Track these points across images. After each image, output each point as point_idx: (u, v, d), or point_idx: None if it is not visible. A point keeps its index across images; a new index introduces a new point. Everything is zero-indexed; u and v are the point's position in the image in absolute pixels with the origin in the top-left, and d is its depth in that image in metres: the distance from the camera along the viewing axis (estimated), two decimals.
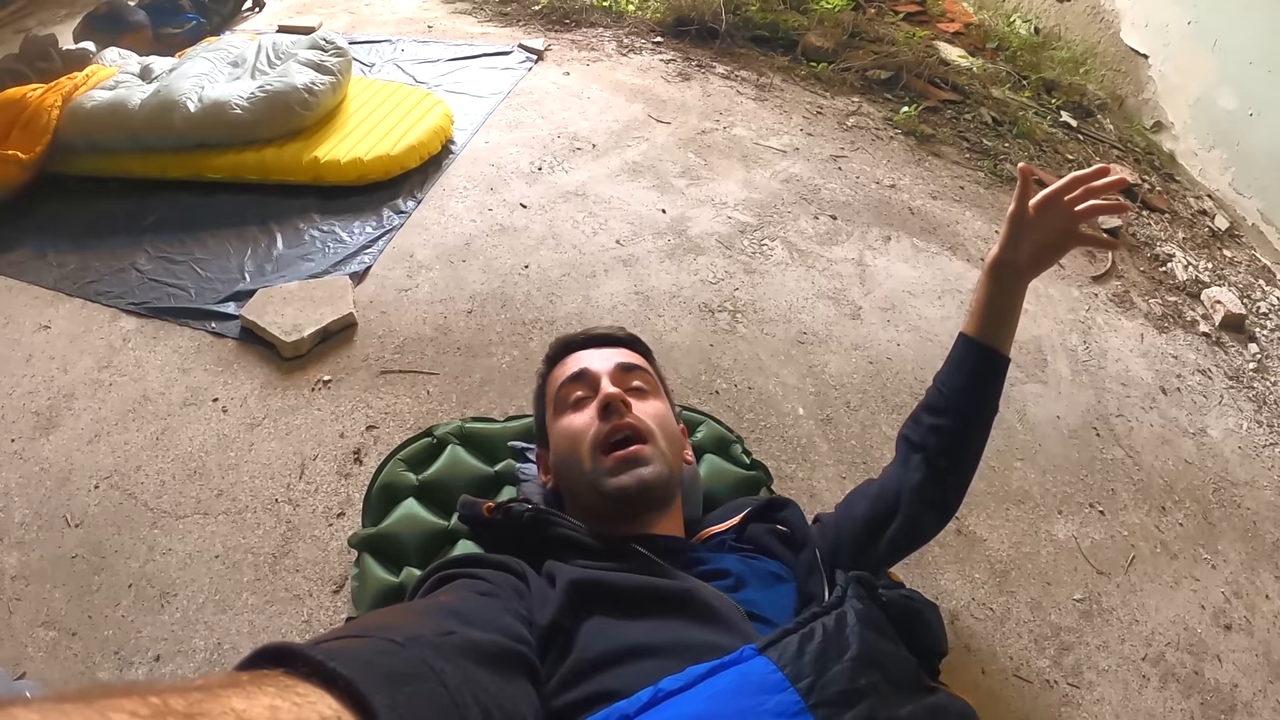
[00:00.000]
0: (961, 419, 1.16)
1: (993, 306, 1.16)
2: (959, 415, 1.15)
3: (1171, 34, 3.17)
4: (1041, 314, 2.41)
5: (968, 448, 1.18)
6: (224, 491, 1.80)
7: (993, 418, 1.18)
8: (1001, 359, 1.16)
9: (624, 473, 1.06)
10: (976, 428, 1.18)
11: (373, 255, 2.42)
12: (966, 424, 1.16)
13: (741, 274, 2.43)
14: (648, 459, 1.07)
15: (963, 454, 1.18)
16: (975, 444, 1.19)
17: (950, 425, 1.15)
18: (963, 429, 1.16)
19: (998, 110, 3.39)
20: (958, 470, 1.19)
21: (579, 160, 2.88)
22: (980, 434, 1.19)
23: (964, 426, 1.16)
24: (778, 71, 3.53)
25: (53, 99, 2.59)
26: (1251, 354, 2.41)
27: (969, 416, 1.16)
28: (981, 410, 1.17)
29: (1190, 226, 2.92)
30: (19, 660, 1.52)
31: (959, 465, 1.19)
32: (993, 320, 1.16)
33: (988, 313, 1.16)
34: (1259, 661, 1.66)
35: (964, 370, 1.16)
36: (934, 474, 1.15)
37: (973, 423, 1.17)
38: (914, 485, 1.15)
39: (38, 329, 2.18)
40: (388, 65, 3.40)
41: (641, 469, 1.06)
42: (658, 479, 1.07)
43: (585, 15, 3.86)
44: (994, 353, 1.15)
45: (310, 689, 0.48)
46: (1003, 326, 1.16)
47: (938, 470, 1.15)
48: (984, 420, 1.18)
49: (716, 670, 0.76)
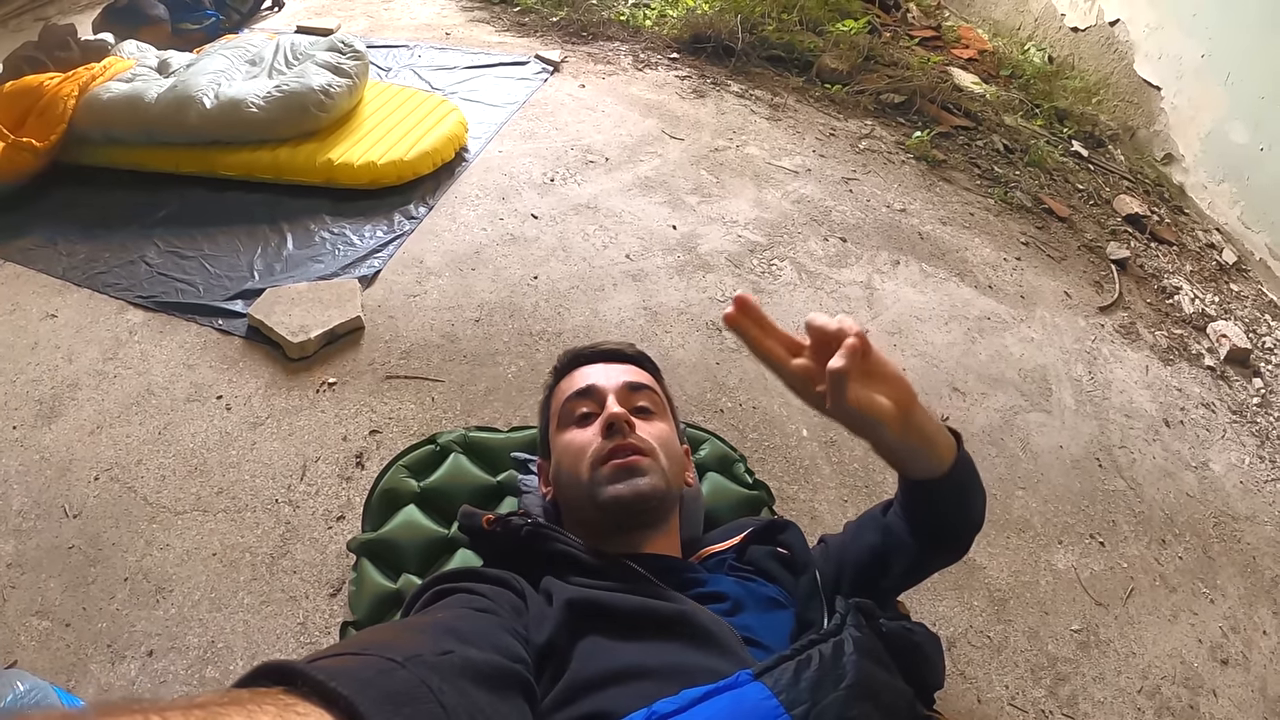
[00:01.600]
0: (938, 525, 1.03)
1: (895, 458, 0.95)
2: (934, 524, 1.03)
3: (1185, 66, 3.18)
4: (1047, 343, 2.41)
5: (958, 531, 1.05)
6: (224, 489, 1.80)
7: (970, 505, 1.02)
8: (938, 483, 0.95)
9: (620, 482, 1.05)
10: (960, 522, 1.04)
11: (382, 259, 2.42)
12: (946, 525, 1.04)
13: (750, 293, 2.43)
14: (644, 470, 1.06)
15: (955, 535, 1.06)
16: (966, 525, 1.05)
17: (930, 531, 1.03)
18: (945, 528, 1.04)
19: (1009, 138, 3.40)
20: (957, 542, 1.07)
21: (591, 173, 2.88)
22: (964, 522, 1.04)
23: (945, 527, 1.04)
24: (792, 92, 3.55)
25: (69, 89, 2.60)
26: (1255, 389, 2.40)
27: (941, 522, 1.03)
28: (951, 514, 1.02)
29: (1198, 259, 2.92)
30: (10, 649, 1.52)
31: (955, 539, 1.07)
32: (907, 462, 0.95)
33: (896, 463, 0.97)
34: (1255, 697, 1.65)
35: (911, 499, 1.01)
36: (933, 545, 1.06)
37: (953, 521, 1.03)
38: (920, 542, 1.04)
39: (44, 317, 2.19)
40: (404, 70, 3.42)
41: (638, 479, 1.05)
42: (654, 492, 1.06)
43: (602, 29, 3.88)
44: (927, 484, 0.96)
45: (310, 708, 0.48)
46: (922, 458, 0.94)
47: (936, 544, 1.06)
48: (962, 514, 1.03)
49: (711, 694, 0.75)
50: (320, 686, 0.50)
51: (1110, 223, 3.03)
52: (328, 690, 0.50)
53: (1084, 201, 3.13)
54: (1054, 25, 4.00)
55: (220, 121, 2.58)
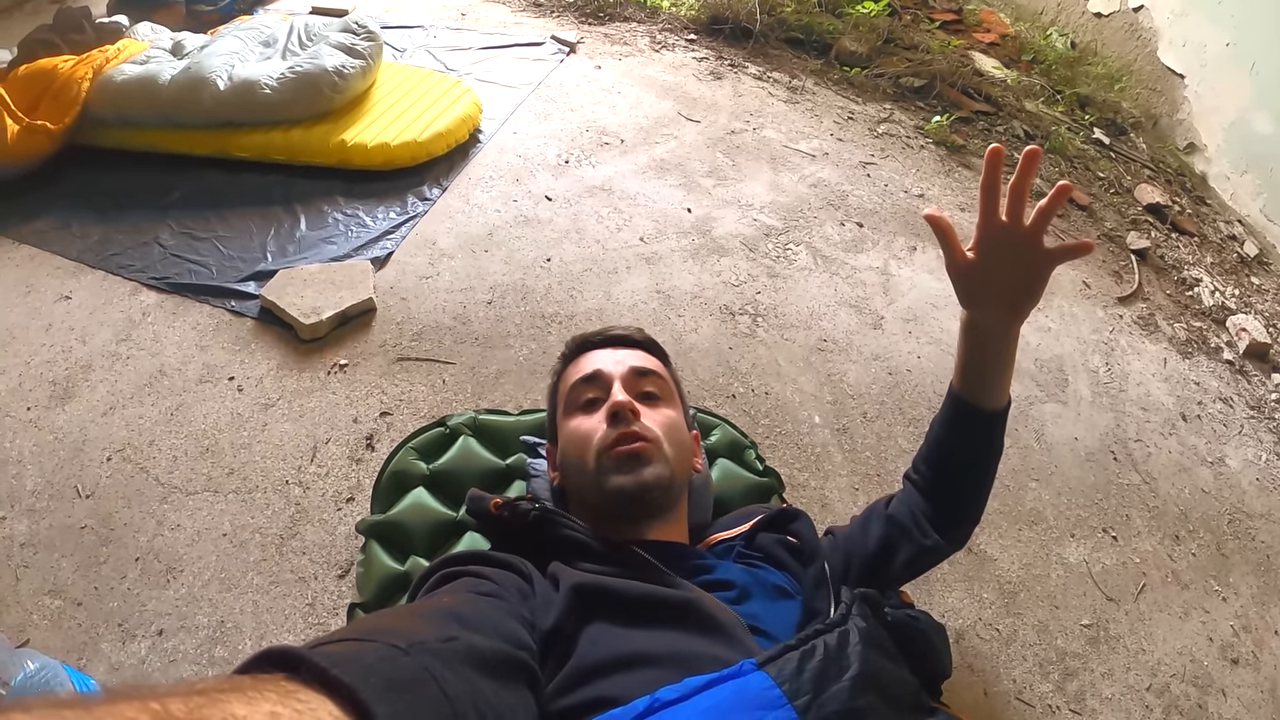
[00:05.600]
0: (958, 470, 1.14)
1: (974, 364, 1.07)
2: (955, 467, 1.13)
3: (1209, 55, 3.12)
4: (1065, 333, 2.39)
5: (968, 495, 1.16)
6: (235, 470, 1.81)
7: (993, 462, 1.13)
8: (989, 414, 1.08)
9: (624, 471, 1.05)
10: (976, 476, 1.14)
11: (395, 241, 2.42)
12: (964, 474, 1.14)
13: (764, 277, 2.42)
14: (649, 459, 1.06)
15: (965, 500, 1.16)
16: (977, 489, 1.16)
17: (947, 478, 1.14)
18: (960, 480, 1.14)
19: (1030, 124, 3.35)
20: (964, 511, 1.17)
21: (606, 155, 2.87)
22: (980, 480, 1.15)
23: (961, 478, 1.14)
24: (810, 75, 3.51)
25: (83, 71, 2.60)
26: (1274, 384, 2.37)
27: (965, 468, 1.14)
28: (976, 462, 1.13)
29: (1219, 251, 2.88)
30: (23, 627, 1.53)
31: (964, 508, 1.17)
32: (976, 377, 1.08)
33: (969, 370, 1.08)
34: (1264, 698, 1.64)
35: (953, 427, 1.11)
36: (941, 515, 1.15)
37: (972, 471, 1.14)
38: (926, 516, 1.14)
39: (59, 299, 2.20)
40: (419, 51, 3.40)
41: (642, 469, 1.05)
42: (658, 482, 1.06)
43: (619, 9, 3.85)
44: (980, 410, 1.08)
45: (312, 695, 0.48)
46: (989, 382, 1.07)
47: (944, 513, 1.15)
48: (982, 468, 1.14)
49: (714, 683, 0.75)
50: (322, 674, 0.50)
51: (1131, 212, 2.99)
52: (330, 677, 0.50)
53: (1104, 190, 3.09)
54: (1077, 10, 3.94)
55: (234, 103, 2.57)
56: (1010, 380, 1.07)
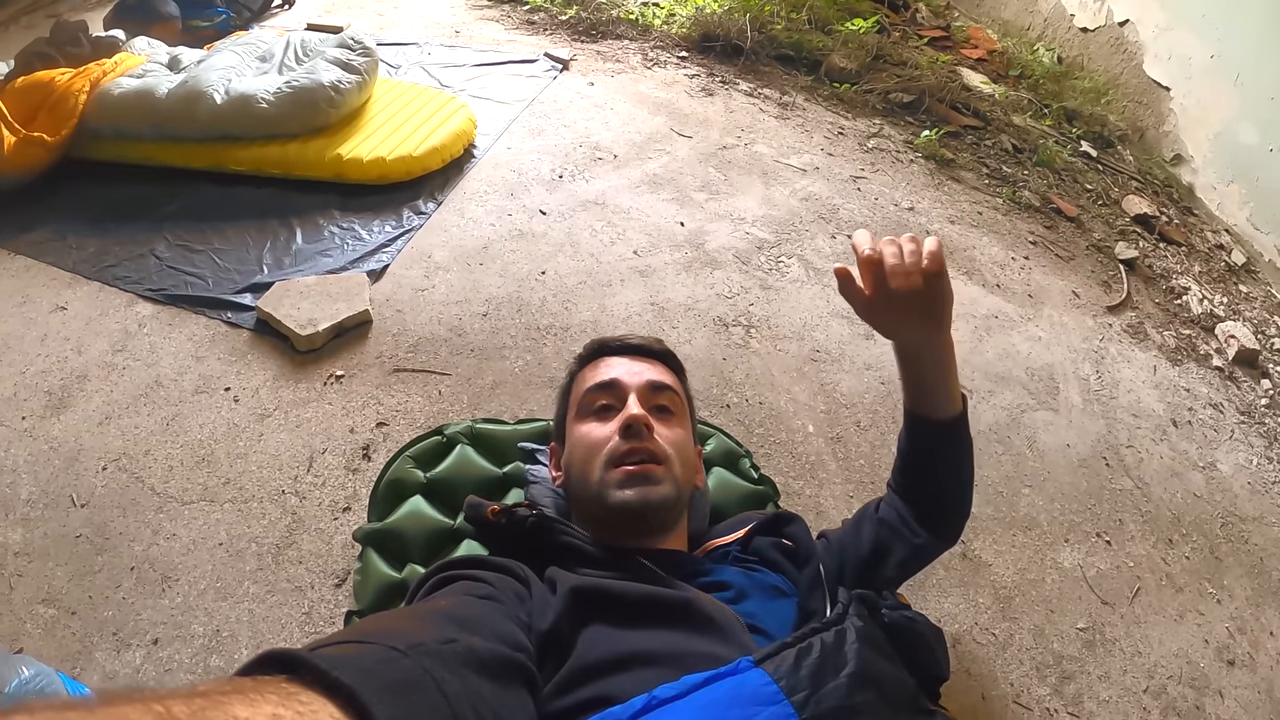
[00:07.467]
0: (931, 476, 1.14)
1: (915, 382, 1.10)
2: (927, 474, 1.14)
3: (1194, 67, 3.17)
4: (1055, 341, 2.41)
5: (947, 495, 1.17)
6: (231, 480, 1.81)
7: (965, 459, 1.15)
8: (946, 423, 1.09)
9: (630, 488, 1.06)
10: (951, 476, 1.15)
11: (391, 254, 2.43)
12: (938, 477, 1.15)
13: (757, 290, 2.44)
14: (657, 479, 1.07)
15: (946, 499, 1.17)
16: (956, 487, 1.16)
17: (922, 483, 1.15)
18: (936, 484, 1.15)
19: (1018, 137, 3.39)
20: (948, 508, 1.18)
21: (600, 170, 2.89)
22: (955, 479, 1.15)
23: (936, 481, 1.15)
24: (801, 91, 3.55)
25: (80, 84, 2.61)
26: (1264, 390, 2.39)
27: (937, 472, 1.14)
28: (946, 465, 1.14)
29: (1207, 260, 2.91)
30: (17, 636, 1.52)
31: (946, 505, 1.17)
32: (922, 393, 1.10)
33: (915, 389, 1.11)
34: (1261, 698, 1.65)
35: (917, 441, 1.13)
36: (926, 515, 1.15)
37: (945, 473, 1.14)
38: (912, 517, 1.15)
39: (54, 309, 2.20)
40: (414, 68, 3.42)
41: (649, 488, 1.06)
42: (664, 501, 1.07)
43: (612, 27, 3.88)
44: (937, 422, 1.10)
45: (312, 697, 0.48)
46: (936, 394, 1.09)
47: (929, 512, 1.16)
48: (953, 469, 1.14)
49: (712, 680, 0.76)
50: (323, 675, 0.51)
51: (1119, 223, 3.02)
52: (330, 679, 0.51)
53: (1092, 201, 3.13)
54: (1063, 26, 3.99)
55: (230, 117, 2.58)
56: (957, 386, 1.09)
